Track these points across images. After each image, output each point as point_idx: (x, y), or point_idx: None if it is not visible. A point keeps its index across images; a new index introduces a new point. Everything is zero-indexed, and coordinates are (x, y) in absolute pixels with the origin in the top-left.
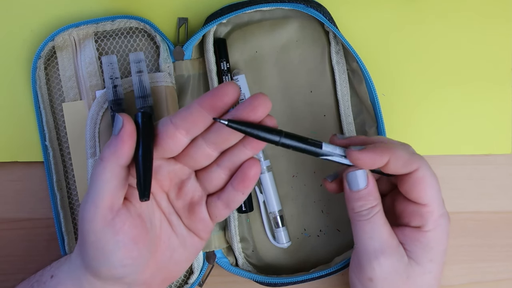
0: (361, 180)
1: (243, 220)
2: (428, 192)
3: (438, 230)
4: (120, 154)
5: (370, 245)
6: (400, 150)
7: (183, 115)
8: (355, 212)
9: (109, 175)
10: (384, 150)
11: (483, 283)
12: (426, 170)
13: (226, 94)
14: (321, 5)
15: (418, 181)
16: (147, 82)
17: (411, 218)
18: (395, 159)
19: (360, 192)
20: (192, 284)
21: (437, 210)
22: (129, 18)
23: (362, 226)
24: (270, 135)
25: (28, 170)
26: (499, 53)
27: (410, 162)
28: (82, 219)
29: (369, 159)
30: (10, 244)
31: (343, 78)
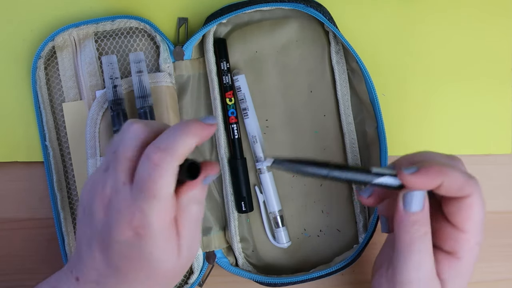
0: (420, 201)
1: (243, 220)
2: (473, 221)
3: (471, 258)
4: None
5: (414, 277)
6: (455, 172)
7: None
8: (407, 236)
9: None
10: (438, 173)
11: (483, 283)
12: (477, 197)
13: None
14: (321, 5)
15: (466, 207)
16: (147, 82)
17: (445, 240)
18: (450, 182)
19: (417, 214)
20: (192, 284)
21: (473, 239)
22: (129, 18)
23: (411, 255)
24: (319, 170)
25: (28, 170)
26: (499, 53)
27: (464, 187)
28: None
29: (422, 182)
30: (10, 244)
31: (343, 78)
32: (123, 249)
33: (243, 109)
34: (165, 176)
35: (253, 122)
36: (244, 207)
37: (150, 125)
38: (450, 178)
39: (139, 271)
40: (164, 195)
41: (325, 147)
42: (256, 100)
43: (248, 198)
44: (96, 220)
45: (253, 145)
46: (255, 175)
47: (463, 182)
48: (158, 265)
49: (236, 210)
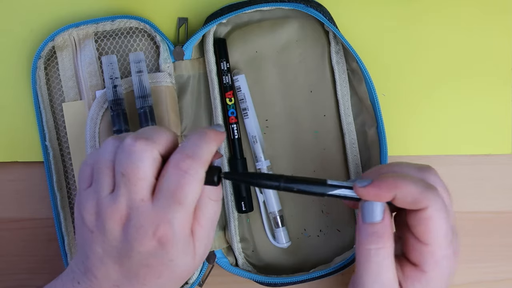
0: (378, 212)
1: (243, 220)
2: (434, 233)
3: (437, 271)
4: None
5: (369, 286)
6: (410, 185)
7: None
8: (365, 247)
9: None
10: (391, 186)
11: (483, 283)
12: (436, 209)
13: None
14: (321, 5)
15: (425, 220)
16: (147, 82)
17: (411, 252)
18: (403, 195)
19: (375, 226)
20: (192, 284)
21: (439, 252)
22: (129, 18)
23: (369, 266)
24: (271, 182)
25: (28, 170)
26: (499, 53)
27: (419, 200)
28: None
29: (374, 195)
30: (10, 244)
31: (343, 78)
32: (143, 258)
33: (243, 109)
34: (193, 182)
35: (253, 122)
36: (244, 207)
37: (156, 142)
38: (403, 191)
39: (157, 277)
40: (190, 202)
41: (325, 147)
42: (256, 100)
43: (248, 198)
44: (111, 238)
45: (253, 145)
46: None
47: (417, 194)
48: (176, 269)
49: (236, 210)
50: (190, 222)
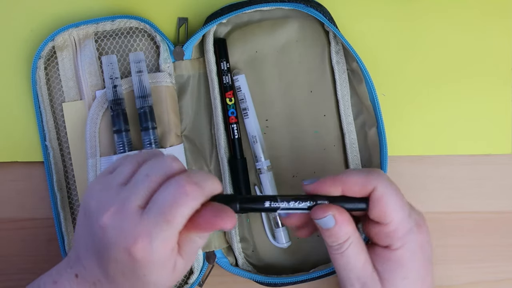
0: (329, 222)
1: (243, 220)
2: (388, 211)
3: (407, 246)
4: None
5: (344, 275)
6: (353, 174)
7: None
8: (328, 245)
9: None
10: (335, 179)
11: (483, 283)
12: (383, 187)
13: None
14: (321, 5)
15: (377, 201)
16: (147, 82)
17: (378, 238)
18: (349, 185)
19: (330, 230)
20: (192, 284)
21: (402, 227)
22: (129, 18)
23: (336, 258)
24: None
25: (28, 170)
26: (499, 53)
27: (365, 183)
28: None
29: (322, 189)
30: (10, 244)
31: (343, 78)
32: (119, 265)
33: (243, 109)
34: (188, 207)
35: (253, 122)
36: None
37: (205, 195)
38: (348, 183)
39: (134, 285)
40: (176, 224)
41: (325, 147)
42: (256, 100)
43: None
44: (96, 229)
45: (253, 145)
46: (255, 175)
47: (361, 180)
48: (151, 283)
49: None
50: (171, 246)
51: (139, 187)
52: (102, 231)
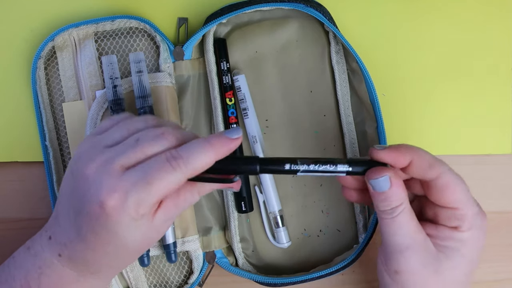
0: (384, 184)
1: (243, 220)
2: (457, 196)
3: (474, 229)
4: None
5: (394, 241)
6: (424, 151)
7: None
8: (380, 210)
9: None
10: (407, 150)
11: (483, 283)
12: (450, 173)
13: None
14: (321, 5)
15: (444, 187)
16: (147, 82)
17: (446, 221)
18: (419, 159)
19: (385, 193)
20: (192, 284)
21: (470, 210)
22: (129, 18)
23: (387, 223)
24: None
25: (28, 170)
26: (499, 53)
27: (434, 165)
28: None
29: (392, 157)
30: (10, 244)
31: (343, 78)
32: (91, 222)
33: (243, 109)
34: (172, 179)
35: (253, 122)
36: (244, 207)
37: (181, 137)
38: (419, 156)
39: (104, 246)
40: (157, 190)
41: (325, 147)
42: (256, 100)
43: (248, 198)
44: (79, 180)
45: (253, 145)
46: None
47: (431, 160)
48: (124, 243)
49: (236, 210)
50: (146, 208)
51: (127, 149)
52: (83, 182)
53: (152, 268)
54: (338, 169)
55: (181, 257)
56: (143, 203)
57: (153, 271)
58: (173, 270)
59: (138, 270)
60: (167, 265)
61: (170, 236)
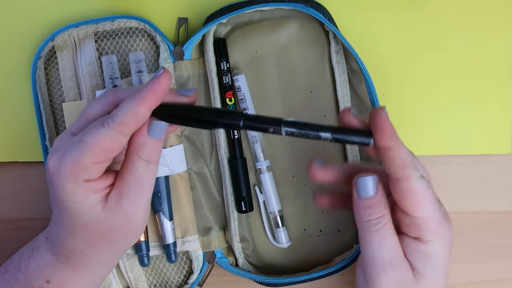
0: (371, 187)
1: (243, 220)
2: (420, 205)
3: (437, 240)
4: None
5: (378, 257)
6: (407, 149)
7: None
8: (364, 221)
9: None
10: (395, 135)
11: (483, 283)
12: (420, 180)
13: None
14: (321, 5)
15: (409, 192)
16: None
17: (408, 228)
18: (398, 150)
19: (369, 200)
20: (192, 284)
21: (432, 221)
22: (129, 18)
23: (371, 236)
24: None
25: (28, 170)
26: (499, 53)
27: (408, 166)
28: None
29: (382, 123)
30: (10, 244)
31: (343, 78)
32: (51, 194)
33: (243, 109)
34: (100, 136)
35: None
36: (244, 207)
37: (119, 94)
38: (400, 149)
39: (61, 218)
40: (88, 151)
41: (325, 147)
42: (256, 100)
43: (248, 198)
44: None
45: (253, 145)
46: (255, 175)
47: (408, 159)
48: (77, 220)
49: (236, 210)
50: (86, 173)
51: (77, 118)
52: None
53: (152, 268)
54: (321, 136)
55: (181, 257)
56: (78, 163)
57: (153, 271)
58: (173, 270)
59: (138, 270)
60: (167, 265)
61: (170, 236)
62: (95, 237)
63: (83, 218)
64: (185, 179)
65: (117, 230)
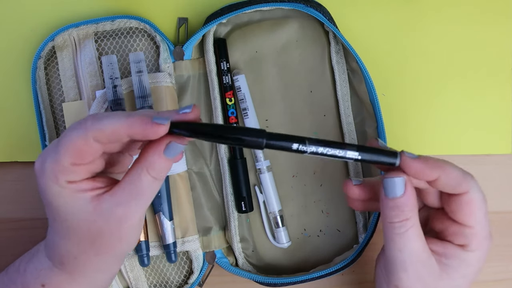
0: (399, 187)
1: (243, 220)
2: (476, 215)
3: (480, 251)
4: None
5: (399, 257)
6: (454, 168)
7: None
8: (388, 221)
9: None
10: (437, 165)
11: (483, 283)
12: (476, 192)
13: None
14: (321, 5)
15: (467, 203)
16: (147, 82)
17: (454, 237)
18: (447, 177)
19: (396, 200)
20: (192, 284)
21: (481, 232)
22: (129, 18)
23: (393, 238)
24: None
25: (28, 170)
26: (499, 53)
27: (462, 183)
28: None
29: (419, 170)
30: (10, 244)
31: (343, 78)
32: (40, 193)
33: (243, 109)
34: (75, 136)
35: (253, 122)
36: (244, 207)
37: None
38: (447, 174)
39: (54, 223)
40: (63, 150)
41: None
42: (256, 100)
43: (248, 198)
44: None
45: None
46: (255, 175)
47: (460, 178)
48: (67, 222)
49: (236, 210)
50: (66, 174)
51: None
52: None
53: (152, 268)
54: (347, 155)
55: (181, 257)
56: (55, 163)
57: (153, 271)
58: (173, 270)
59: (138, 270)
60: (167, 265)
61: (170, 236)
62: (87, 241)
63: (75, 218)
64: (185, 179)
65: (110, 234)
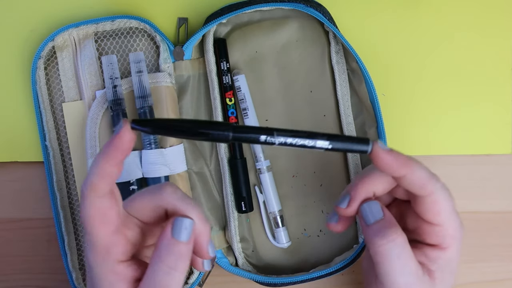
0: (377, 210)
1: (243, 220)
2: (443, 214)
3: (454, 243)
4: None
5: (401, 282)
6: (420, 168)
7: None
8: (380, 245)
9: None
10: (406, 162)
11: (482, 283)
12: (441, 191)
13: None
14: (321, 5)
15: (433, 204)
16: (147, 82)
17: (426, 236)
18: (412, 176)
19: (380, 223)
20: (192, 284)
21: (452, 227)
22: (129, 18)
23: (391, 262)
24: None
25: (28, 170)
26: (499, 53)
27: (427, 185)
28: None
29: (389, 162)
30: (10, 244)
31: (343, 78)
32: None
33: (243, 109)
34: (84, 206)
35: (253, 122)
36: (244, 207)
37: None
38: (413, 173)
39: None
40: (86, 221)
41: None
42: (256, 100)
43: (248, 198)
44: None
45: (253, 146)
46: (255, 175)
47: (425, 179)
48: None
49: (236, 210)
50: (93, 211)
51: None
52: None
53: None
54: (317, 145)
55: None
56: (90, 205)
57: None
58: None
59: None
60: None
61: None
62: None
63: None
64: (185, 179)
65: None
